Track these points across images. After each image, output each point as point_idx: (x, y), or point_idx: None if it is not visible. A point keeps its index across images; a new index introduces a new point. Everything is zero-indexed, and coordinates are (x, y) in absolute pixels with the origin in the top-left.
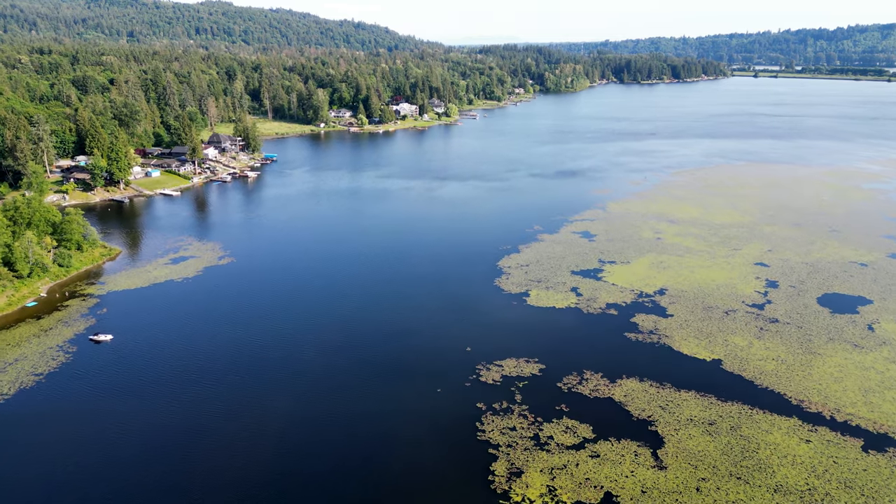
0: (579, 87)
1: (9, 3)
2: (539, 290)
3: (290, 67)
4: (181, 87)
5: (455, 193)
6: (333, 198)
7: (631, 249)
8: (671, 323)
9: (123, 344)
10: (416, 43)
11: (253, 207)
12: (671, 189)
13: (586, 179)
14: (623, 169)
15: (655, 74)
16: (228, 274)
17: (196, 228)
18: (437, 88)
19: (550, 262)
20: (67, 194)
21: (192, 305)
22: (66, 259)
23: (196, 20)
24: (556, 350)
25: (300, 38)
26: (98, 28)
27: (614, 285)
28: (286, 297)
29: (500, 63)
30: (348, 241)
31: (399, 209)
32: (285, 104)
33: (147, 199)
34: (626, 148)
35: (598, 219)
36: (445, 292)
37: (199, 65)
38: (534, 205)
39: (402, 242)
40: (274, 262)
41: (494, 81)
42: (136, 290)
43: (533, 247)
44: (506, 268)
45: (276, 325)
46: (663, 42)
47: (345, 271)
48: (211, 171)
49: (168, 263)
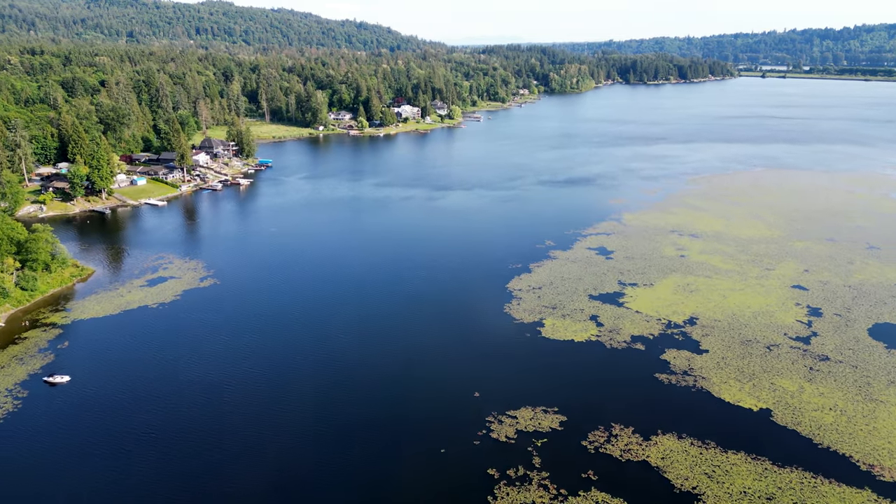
0: (585, 87)
1: (7, 3)
2: (554, 318)
3: (290, 68)
4: (175, 89)
5: (458, 203)
6: (329, 208)
7: (653, 269)
8: (707, 361)
9: (80, 387)
10: (418, 43)
11: (242, 219)
12: (689, 198)
13: (598, 187)
14: (636, 176)
15: (662, 75)
16: (209, 299)
17: (178, 244)
18: (439, 90)
19: (565, 285)
20: (45, 205)
21: (164, 338)
22: (31, 282)
23: (196, 20)
24: (577, 397)
25: (301, 39)
26: (97, 28)
27: (638, 313)
28: (270, 329)
29: (504, 63)
30: (343, 259)
31: (399, 221)
32: (283, 106)
33: (130, 209)
34: (636, 153)
35: (613, 232)
36: (449, 321)
37: (195, 65)
38: (544, 216)
39: (401, 260)
40: (259, 284)
41: (498, 82)
42: (105, 318)
43: (545, 265)
44: (516, 291)
45: (258, 365)
46: (668, 42)
47: (337, 296)
48: (201, 179)
49: (144, 286)
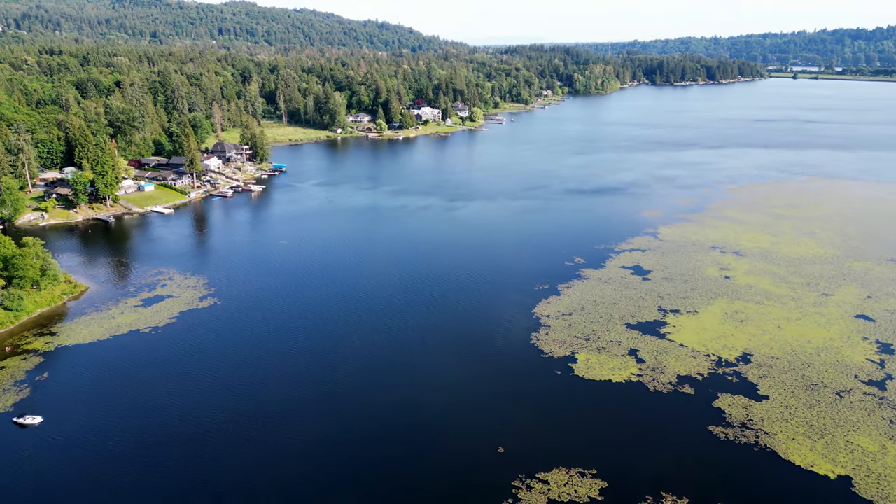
0: (610, 88)
1: (34, 4)
2: (588, 352)
3: (309, 69)
4: (191, 90)
5: (479, 214)
6: (343, 217)
7: (696, 293)
8: (768, 410)
9: (52, 430)
10: (440, 43)
11: (251, 229)
12: (729, 210)
13: (629, 197)
14: (670, 184)
15: (689, 76)
16: (206, 323)
17: (180, 257)
18: (461, 91)
19: (599, 311)
20: (46, 212)
21: (152, 371)
22: (16, 302)
23: (219, 20)
24: (619, 455)
25: (323, 39)
26: (121, 28)
27: (683, 347)
28: (270, 359)
29: (527, 64)
30: (354, 277)
31: (415, 234)
32: (301, 108)
33: (135, 217)
34: (668, 159)
35: (649, 248)
36: (468, 354)
37: (213, 66)
38: (572, 229)
39: (417, 279)
40: (262, 305)
41: (521, 83)
42: (92, 344)
43: (575, 287)
44: (544, 317)
45: (254, 403)
46: (694, 42)
47: (345, 322)
48: (211, 185)
49: (139, 306)
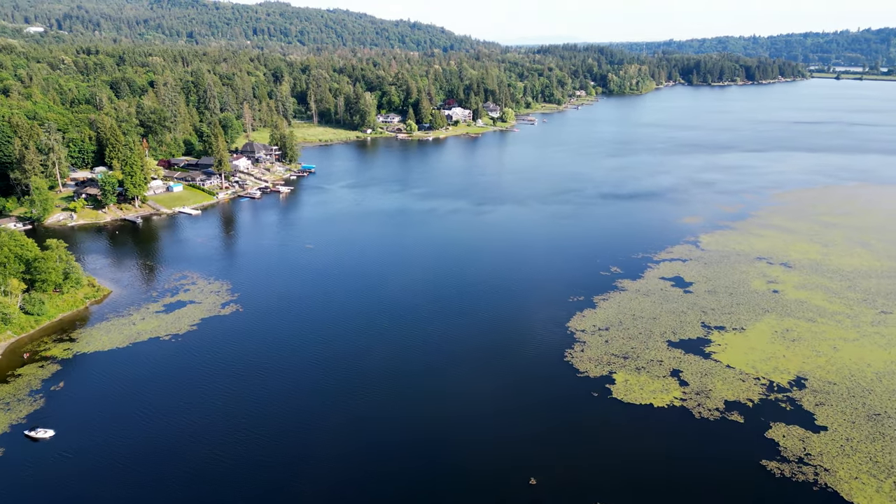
0: (645, 89)
1: (75, 5)
2: (627, 372)
3: (340, 69)
4: (223, 90)
5: (510, 218)
6: (370, 220)
7: (742, 308)
8: (827, 443)
9: (63, 445)
10: (472, 43)
11: (277, 232)
12: (775, 218)
13: (667, 203)
14: (710, 189)
15: (727, 76)
16: (227, 331)
17: (204, 261)
18: (492, 91)
19: (638, 326)
20: (76, 212)
21: (169, 382)
22: (38, 306)
23: (254, 21)
24: (663, 493)
25: (355, 39)
26: (159, 29)
27: (730, 368)
28: (290, 370)
29: (560, 64)
30: (380, 283)
31: (443, 239)
32: (332, 108)
33: (163, 218)
34: (707, 162)
35: (690, 258)
36: (498, 371)
37: (245, 66)
38: (607, 236)
39: (444, 288)
40: (284, 314)
41: (554, 83)
42: (110, 352)
43: (612, 299)
44: (578, 332)
45: (269, 419)
46: (732, 41)
47: (369, 332)
48: (240, 185)
49: (160, 311)
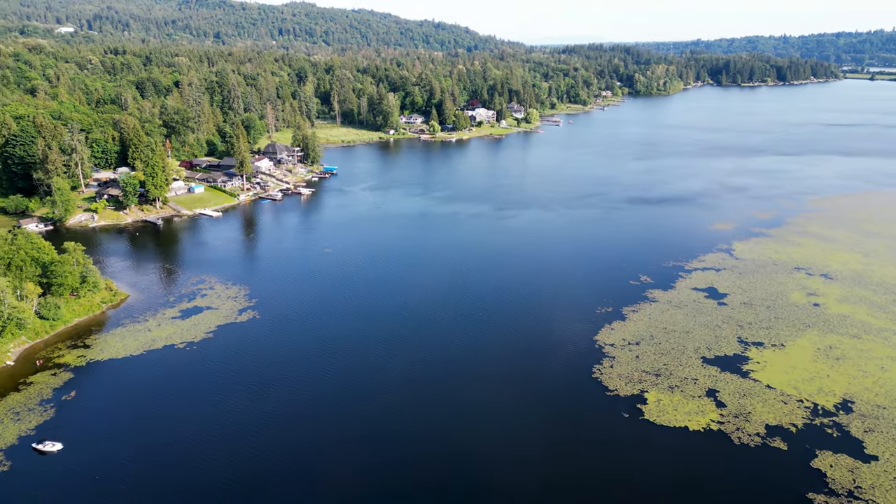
0: (673, 89)
1: (105, 6)
2: (660, 391)
3: (364, 69)
4: (247, 91)
5: (534, 223)
6: (391, 224)
7: (781, 323)
8: (879, 475)
9: (71, 459)
10: (496, 43)
11: (297, 235)
12: (812, 225)
13: (698, 208)
14: (742, 195)
15: (758, 76)
16: (244, 339)
17: (223, 264)
18: (516, 91)
19: (670, 340)
20: (97, 213)
21: (181, 396)
22: (53, 310)
23: (279, 21)
24: None
25: (380, 39)
26: (186, 29)
27: (770, 388)
28: (304, 386)
29: (585, 64)
30: (401, 289)
31: (465, 244)
32: (355, 108)
33: (184, 220)
34: (738, 166)
35: (724, 267)
36: (521, 386)
37: (270, 66)
38: (636, 243)
39: (465, 296)
40: (302, 321)
41: (580, 83)
42: (124, 360)
43: (642, 310)
44: (607, 346)
45: (282, 437)
46: (761, 41)
47: (389, 342)
48: (261, 187)
49: (176, 317)
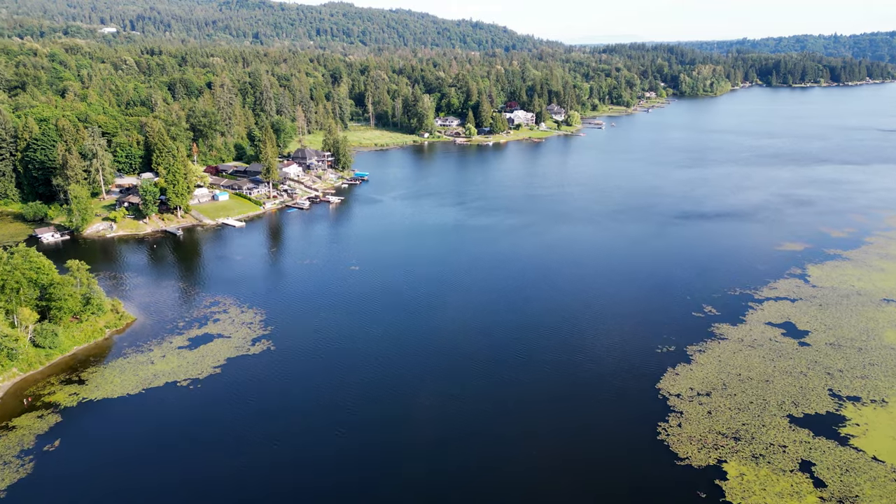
0: (720, 90)
1: (149, 6)
2: (741, 461)
3: (400, 69)
4: (280, 92)
5: (577, 239)
6: (424, 237)
7: (878, 370)
8: None
9: None
10: (534, 42)
11: (321, 249)
12: (894, 246)
13: (760, 224)
14: (809, 209)
15: (810, 76)
16: (255, 376)
17: (241, 283)
18: (556, 92)
19: (747, 392)
20: (115, 222)
21: (175, 449)
22: (50, 338)
23: (317, 21)
24: None
25: (417, 39)
26: (226, 30)
27: (878, 462)
28: (319, 434)
29: (628, 64)
30: (428, 317)
31: (501, 263)
32: (389, 110)
33: (205, 230)
34: (799, 176)
35: (800, 297)
36: (568, 446)
37: (304, 66)
38: (694, 265)
39: (500, 327)
40: (320, 354)
41: (622, 84)
42: (119, 400)
43: (710, 350)
44: (672, 397)
45: (296, 491)
46: (811, 40)
47: (414, 381)
48: (288, 195)
49: (183, 347)
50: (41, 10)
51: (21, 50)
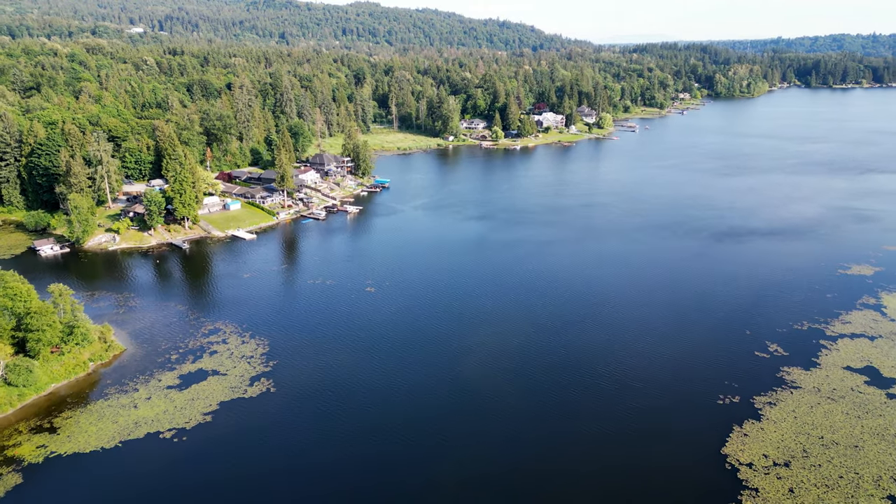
0: (757, 91)
1: (177, 6)
2: None
3: (425, 70)
4: (301, 93)
5: (612, 261)
6: (443, 255)
7: None
8: None
9: None
10: (562, 42)
11: (334, 267)
12: None
13: (820, 242)
14: (874, 225)
15: (851, 77)
16: (248, 428)
17: (244, 306)
18: (587, 94)
19: (833, 460)
20: (119, 234)
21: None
22: (24, 375)
23: (343, 21)
24: None
25: (443, 39)
26: (253, 30)
27: None
28: (321, 501)
29: (660, 63)
30: (447, 354)
31: (529, 287)
32: (413, 112)
33: (214, 243)
34: (855, 186)
35: (880, 333)
36: None
37: (327, 66)
38: (748, 292)
39: (530, 366)
40: (327, 397)
41: (655, 85)
42: (92, 455)
43: (783, 403)
44: (743, 468)
45: None
46: (848, 39)
47: (432, 433)
48: (304, 203)
49: (172, 386)
50: (72, 10)
51: (42, 50)
